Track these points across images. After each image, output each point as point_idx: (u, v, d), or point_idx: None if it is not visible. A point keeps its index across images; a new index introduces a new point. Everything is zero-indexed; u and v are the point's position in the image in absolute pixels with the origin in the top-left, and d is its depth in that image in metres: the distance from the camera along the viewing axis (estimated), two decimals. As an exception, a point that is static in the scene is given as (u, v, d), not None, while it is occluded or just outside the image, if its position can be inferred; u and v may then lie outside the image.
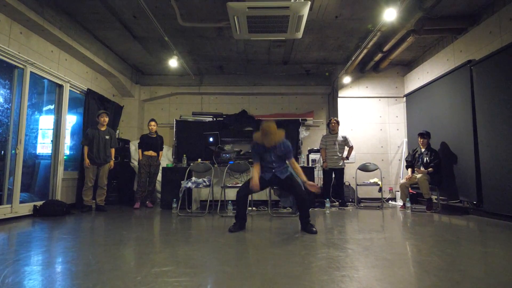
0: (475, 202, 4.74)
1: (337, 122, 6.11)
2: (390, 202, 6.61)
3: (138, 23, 5.27)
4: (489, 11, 4.60)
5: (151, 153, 5.87)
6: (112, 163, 5.51)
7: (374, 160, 6.62)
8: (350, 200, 6.48)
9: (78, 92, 5.92)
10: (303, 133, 7.34)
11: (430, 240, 3.05)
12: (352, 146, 6.05)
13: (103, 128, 5.43)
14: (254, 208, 5.43)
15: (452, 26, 5.08)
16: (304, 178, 3.54)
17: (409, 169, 5.58)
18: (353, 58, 6.16)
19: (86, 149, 5.26)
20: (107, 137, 5.43)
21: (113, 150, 5.55)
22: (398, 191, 6.05)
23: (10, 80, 4.48)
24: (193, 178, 5.19)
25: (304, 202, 3.54)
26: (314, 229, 3.39)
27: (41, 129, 5.47)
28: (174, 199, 5.14)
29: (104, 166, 5.40)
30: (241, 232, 3.47)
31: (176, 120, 7.34)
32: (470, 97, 4.82)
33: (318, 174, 6.38)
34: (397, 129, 7.12)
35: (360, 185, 6.03)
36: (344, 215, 4.83)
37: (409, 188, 5.53)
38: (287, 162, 3.72)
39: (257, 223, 4.18)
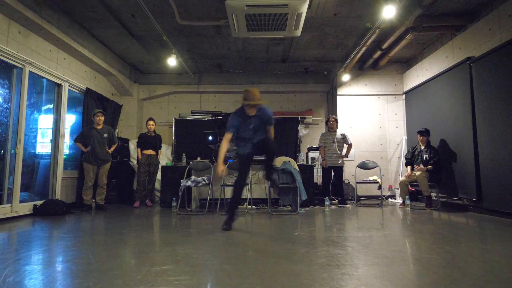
0: (474, 199, 4.75)
1: (336, 120, 6.11)
2: (389, 199, 6.61)
3: (136, 22, 5.26)
4: (488, 8, 4.59)
5: (150, 151, 5.87)
6: (112, 148, 5.56)
7: (373, 158, 6.62)
8: (350, 198, 6.49)
9: (77, 91, 5.91)
10: (302, 131, 7.34)
11: (430, 237, 3.06)
12: (351, 143, 6.05)
13: (99, 127, 5.42)
14: (253, 207, 5.44)
15: (451, 23, 5.07)
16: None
17: (409, 167, 5.59)
18: (352, 56, 6.15)
19: (79, 144, 5.32)
20: (105, 135, 5.42)
21: (114, 145, 5.60)
22: (398, 189, 6.06)
23: (9, 80, 4.47)
24: (193, 177, 5.20)
25: (272, 155, 3.64)
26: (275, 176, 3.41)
27: (40, 128, 5.46)
28: (174, 198, 5.14)
29: (104, 165, 5.40)
30: (240, 230, 3.46)
31: (175, 119, 7.33)
32: (469, 94, 4.82)
33: (318, 172, 6.39)
34: (396, 127, 7.12)
35: (359, 182, 6.04)
36: (344, 213, 4.83)
37: (409, 186, 5.54)
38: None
39: (256, 221, 4.19)
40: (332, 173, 5.99)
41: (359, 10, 4.90)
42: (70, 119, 6.02)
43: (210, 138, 6.51)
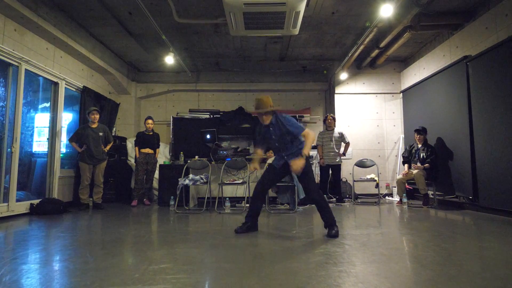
0: (471, 197, 4.77)
1: (333, 119, 6.12)
2: (387, 198, 6.64)
3: (134, 20, 5.24)
4: (485, 6, 4.61)
5: (148, 150, 5.86)
6: (108, 147, 5.54)
7: (371, 156, 6.64)
8: (347, 196, 6.50)
9: (74, 89, 5.88)
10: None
11: (427, 235, 3.07)
12: (348, 142, 6.06)
13: (94, 126, 5.39)
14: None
15: (448, 22, 5.08)
16: (305, 151, 2.97)
17: (406, 165, 5.61)
18: (349, 54, 6.16)
19: (74, 144, 5.27)
20: (100, 134, 5.40)
21: (110, 144, 5.57)
22: (395, 187, 6.08)
23: (4, 78, 4.44)
24: (191, 175, 5.19)
25: (318, 203, 3.05)
26: (333, 231, 3.00)
27: (37, 127, 5.43)
28: (172, 197, 5.14)
29: (100, 164, 5.38)
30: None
31: (173, 117, 7.31)
32: (466, 93, 4.83)
33: (315, 170, 6.39)
34: (394, 125, 7.14)
35: (357, 181, 6.05)
36: (341, 211, 4.85)
37: (406, 184, 5.56)
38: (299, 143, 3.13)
39: (254, 219, 4.18)
40: (330, 172, 6.00)
41: (357, 9, 4.90)
42: (67, 118, 5.99)
43: (208, 136, 6.50)
